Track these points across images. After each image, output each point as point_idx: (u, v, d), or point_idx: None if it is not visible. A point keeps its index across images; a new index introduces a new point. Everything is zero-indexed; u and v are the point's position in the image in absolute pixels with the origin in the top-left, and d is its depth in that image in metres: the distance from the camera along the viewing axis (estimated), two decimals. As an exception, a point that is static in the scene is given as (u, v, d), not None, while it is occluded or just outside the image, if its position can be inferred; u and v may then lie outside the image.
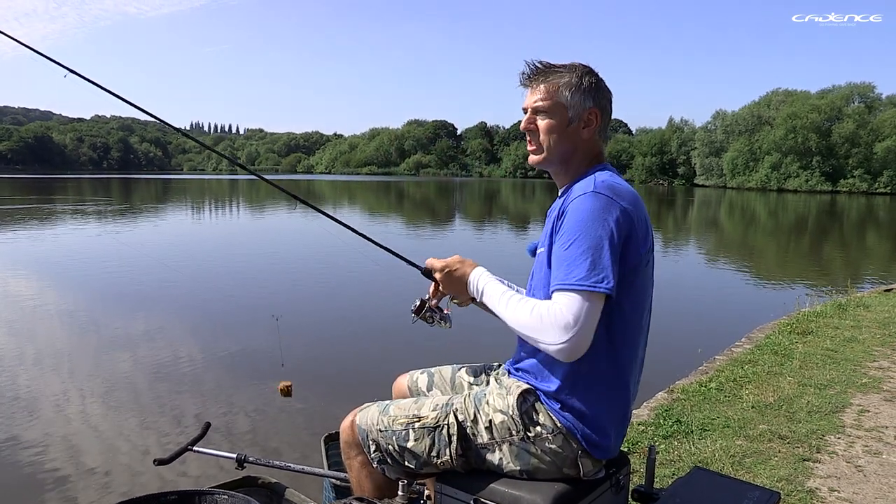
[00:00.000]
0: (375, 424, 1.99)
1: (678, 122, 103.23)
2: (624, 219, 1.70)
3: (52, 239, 17.99)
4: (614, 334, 1.77)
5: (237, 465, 2.60)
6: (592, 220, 1.69)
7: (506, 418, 1.85)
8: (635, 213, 1.74)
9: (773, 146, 76.08)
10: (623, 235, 1.70)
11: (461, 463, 1.89)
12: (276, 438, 4.92)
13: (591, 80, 1.92)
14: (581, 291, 1.63)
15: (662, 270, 13.78)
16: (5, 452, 4.61)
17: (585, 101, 1.90)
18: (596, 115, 1.92)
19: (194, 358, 6.91)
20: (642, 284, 1.82)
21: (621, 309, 1.76)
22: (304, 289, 11.14)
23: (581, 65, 1.94)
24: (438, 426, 1.91)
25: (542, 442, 1.81)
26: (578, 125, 1.91)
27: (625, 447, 3.81)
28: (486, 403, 1.91)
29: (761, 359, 5.90)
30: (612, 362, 1.79)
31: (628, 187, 1.81)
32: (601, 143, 1.97)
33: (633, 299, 1.79)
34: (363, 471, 2.03)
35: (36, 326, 8.20)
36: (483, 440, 1.87)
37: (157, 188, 58.19)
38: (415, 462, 1.93)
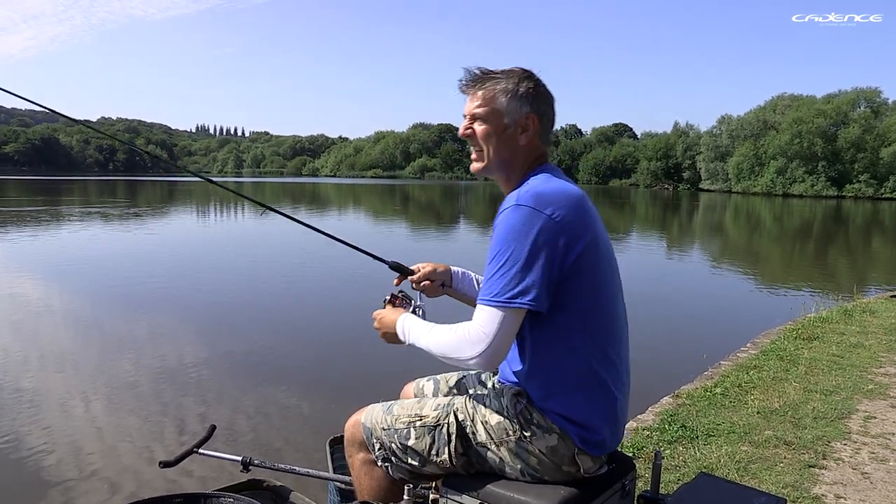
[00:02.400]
0: (379, 423, 2.03)
1: (683, 126, 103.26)
2: (548, 226, 1.70)
3: (57, 240, 18.02)
4: (580, 335, 1.78)
5: (242, 467, 2.60)
6: (513, 235, 1.71)
7: (502, 419, 1.88)
8: (564, 215, 1.73)
9: (779, 151, 75.99)
10: (549, 244, 1.70)
11: (462, 462, 1.91)
12: (280, 441, 4.92)
13: (529, 86, 1.91)
14: (496, 307, 1.70)
15: (668, 276, 13.83)
16: (10, 454, 4.62)
17: (522, 107, 1.90)
18: (533, 121, 1.92)
19: (199, 360, 6.92)
20: (596, 281, 1.80)
21: (577, 310, 1.77)
22: (310, 290, 11.14)
23: (520, 70, 1.95)
24: (439, 425, 1.94)
25: (539, 441, 1.82)
26: (516, 131, 1.92)
27: (630, 452, 3.81)
28: (484, 405, 1.94)
29: (767, 364, 5.88)
30: (587, 362, 1.79)
31: (559, 188, 1.81)
32: (543, 147, 1.98)
33: (589, 298, 1.79)
34: (363, 468, 2.08)
35: (41, 328, 8.22)
36: (482, 439, 1.89)
37: (162, 190, 58.30)
38: (416, 460, 1.95)
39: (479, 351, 1.71)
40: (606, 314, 1.83)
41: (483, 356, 1.71)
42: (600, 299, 1.81)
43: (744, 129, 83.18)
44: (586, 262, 1.75)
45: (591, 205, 1.84)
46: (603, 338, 1.81)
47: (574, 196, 1.80)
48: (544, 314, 1.75)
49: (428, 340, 1.86)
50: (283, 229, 20.95)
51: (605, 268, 1.84)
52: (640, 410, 4.72)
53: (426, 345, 1.86)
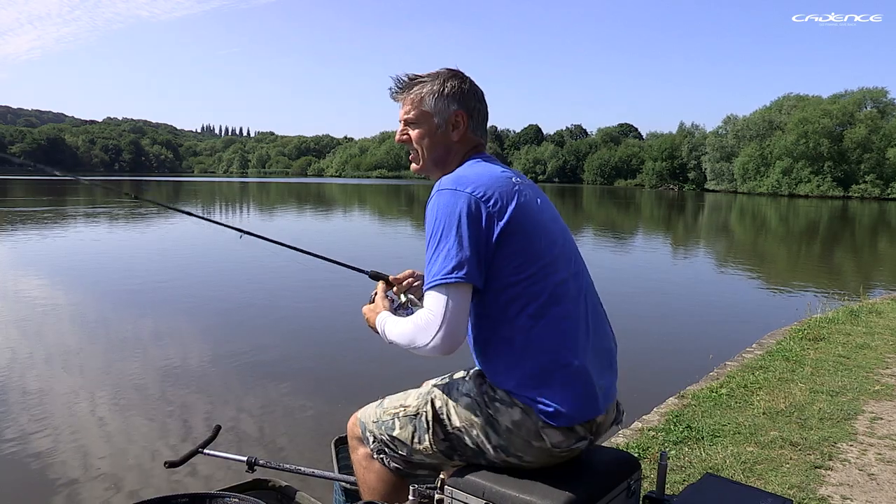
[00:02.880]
0: (371, 417, 2.10)
1: (689, 126, 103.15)
2: (470, 203, 1.76)
3: (63, 240, 18.07)
4: (516, 308, 1.79)
5: (247, 467, 2.61)
6: (440, 217, 1.77)
7: (470, 400, 1.90)
8: (484, 191, 1.78)
9: (785, 151, 75.89)
10: (474, 219, 1.75)
11: (444, 448, 1.95)
12: (285, 441, 4.93)
13: (454, 84, 1.99)
14: (437, 286, 1.73)
15: (673, 276, 13.80)
16: (15, 452, 4.63)
17: (450, 105, 1.98)
18: (462, 117, 1.99)
19: (204, 360, 6.93)
20: (528, 255, 1.80)
21: (510, 283, 1.79)
22: (317, 290, 11.13)
23: (446, 70, 2.03)
24: (418, 413, 1.99)
25: (503, 417, 1.83)
26: (447, 129, 2.00)
27: (635, 452, 3.81)
28: (456, 389, 1.97)
29: (772, 365, 5.87)
30: (529, 334, 1.79)
31: (482, 170, 1.88)
32: (476, 138, 2.04)
33: (521, 271, 1.79)
34: (363, 463, 2.13)
35: (47, 327, 8.24)
36: (456, 423, 1.92)
37: (168, 190, 58.44)
38: (404, 450, 2.01)
39: (432, 334, 1.73)
40: (542, 279, 1.80)
41: (437, 338, 1.73)
42: (537, 271, 1.80)
43: (749, 129, 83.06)
44: (514, 236, 1.77)
45: (522, 185, 1.89)
46: (549, 309, 1.79)
47: (496, 176, 1.86)
48: (483, 291, 1.80)
49: (393, 334, 1.89)
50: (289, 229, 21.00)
51: (540, 240, 1.83)
52: (646, 411, 4.71)
53: (393, 338, 1.89)
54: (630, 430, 4.28)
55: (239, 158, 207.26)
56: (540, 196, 1.96)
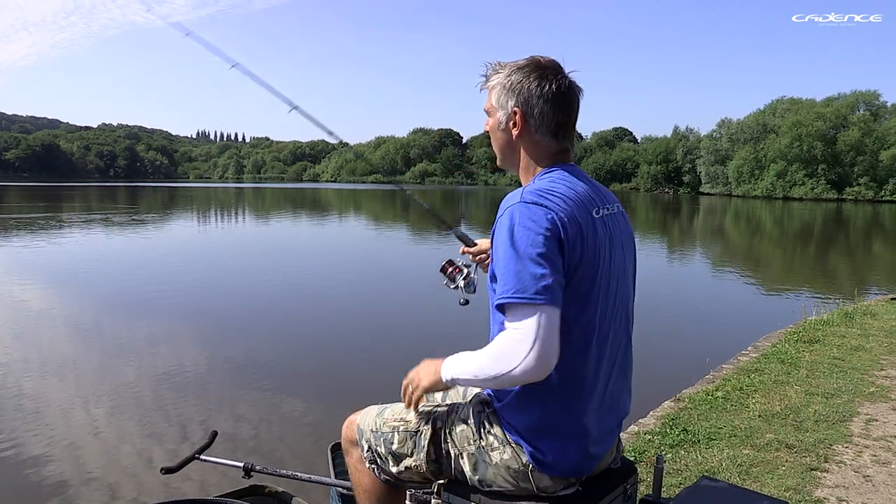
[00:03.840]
0: (370, 425, 2.05)
1: (683, 130, 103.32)
2: (558, 223, 1.61)
3: (58, 247, 18.02)
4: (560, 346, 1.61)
5: (244, 473, 2.61)
6: (521, 232, 1.60)
7: (465, 427, 1.87)
8: (566, 216, 1.62)
9: (779, 154, 76.15)
10: (558, 241, 1.60)
11: (433, 469, 1.92)
12: (282, 447, 4.92)
13: (517, 79, 1.80)
14: (529, 302, 1.56)
15: (668, 279, 13.80)
16: (10, 459, 4.62)
17: (508, 101, 1.81)
18: (518, 115, 1.80)
19: (200, 365, 6.92)
20: (586, 289, 1.67)
21: (563, 318, 1.61)
22: (312, 297, 11.14)
23: (520, 61, 1.84)
24: (419, 431, 1.94)
25: (494, 453, 1.79)
26: (508, 126, 1.84)
27: (631, 456, 3.81)
28: (456, 412, 1.93)
29: (768, 367, 5.88)
30: (563, 375, 1.67)
31: (566, 189, 1.70)
32: (551, 143, 1.82)
33: (576, 306, 1.65)
34: (359, 466, 2.10)
35: (42, 333, 8.22)
36: (448, 447, 1.89)
37: (163, 196, 58.35)
38: (397, 465, 1.97)
39: (522, 355, 1.54)
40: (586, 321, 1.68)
41: (531, 357, 1.54)
42: (585, 307, 1.68)
43: (744, 132, 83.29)
44: (581, 266, 1.65)
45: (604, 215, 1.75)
46: (581, 348, 1.69)
47: (577, 202, 1.68)
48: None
49: (466, 368, 1.71)
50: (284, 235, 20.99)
51: (600, 274, 1.70)
52: (642, 414, 4.72)
53: (467, 373, 1.71)
54: (626, 434, 4.28)
55: (234, 164, 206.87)
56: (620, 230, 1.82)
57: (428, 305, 10.00)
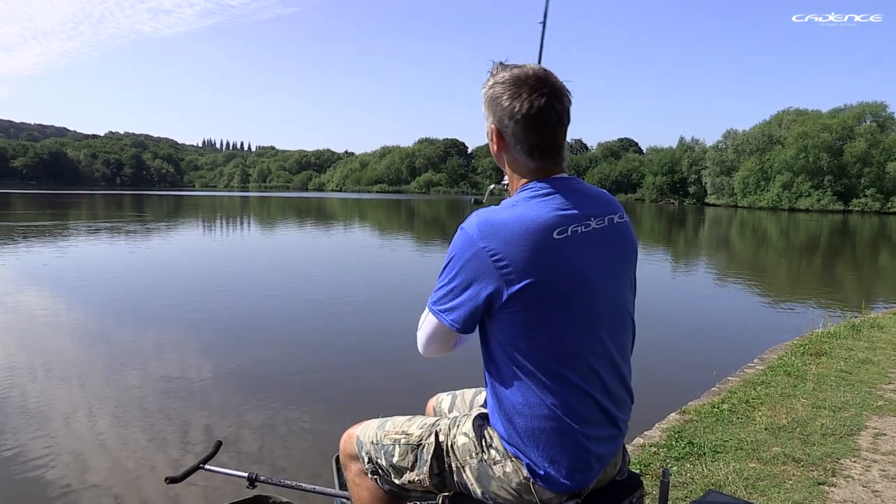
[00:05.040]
0: (370, 438, 2.04)
1: (689, 141, 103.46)
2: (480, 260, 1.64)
3: (65, 254, 18.07)
4: (530, 366, 1.67)
5: (248, 483, 2.60)
6: (454, 255, 1.70)
7: (467, 440, 1.86)
8: (503, 249, 1.62)
9: (785, 165, 76.19)
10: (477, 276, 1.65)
11: (436, 482, 1.91)
12: (287, 458, 4.91)
13: (495, 91, 1.75)
14: (430, 310, 1.79)
15: (673, 290, 13.77)
16: (14, 467, 4.62)
17: (489, 117, 1.79)
18: (494, 133, 1.78)
19: (205, 374, 6.92)
20: (542, 316, 1.66)
21: (529, 343, 1.67)
22: (319, 305, 11.14)
23: (506, 73, 1.76)
24: (421, 444, 1.93)
25: (497, 466, 1.78)
26: (492, 139, 1.81)
27: (637, 469, 3.79)
28: (459, 425, 1.92)
29: (774, 380, 5.85)
30: (541, 393, 1.68)
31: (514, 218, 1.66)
32: (528, 162, 1.77)
33: (542, 331, 1.66)
34: (356, 479, 2.10)
35: (48, 340, 8.23)
36: (450, 461, 1.88)
37: (169, 204, 58.53)
38: (399, 478, 1.96)
39: (420, 341, 1.89)
40: (552, 353, 1.68)
41: (419, 347, 1.90)
42: (542, 337, 1.67)
43: (749, 143, 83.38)
44: (522, 298, 1.63)
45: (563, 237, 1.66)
46: (549, 377, 1.68)
47: (526, 229, 1.64)
48: (494, 341, 1.73)
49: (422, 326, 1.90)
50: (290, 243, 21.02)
51: (559, 304, 1.67)
52: (647, 427, 4.70)
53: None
54: (631, 447, 4.26)
55: (240, 173, 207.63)
56: (604, 243, 1.76)
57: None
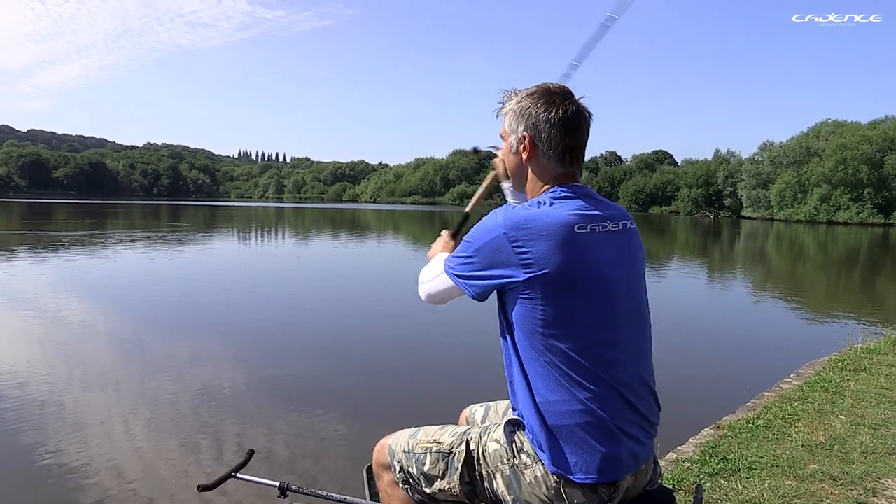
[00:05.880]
0: (402, 447, 2.07)
1: (724, 153, 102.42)
2: (500, 245, 1.76)
3: (102, 263, 18.40)
4: (556, 360, 1.74)
5: (279, 493, 2.61)
6: (478, 235, 1.83)
7: (498, 447, 1.87)
8: (524, 242, 1.73)
9: (823, 178, 74.98)
10: (497, 259, 1.77)
11: (467, 491, 1.92)
12: (317, 467, 4.93)
13: (525, 104, 1.89)
14: (446, 272, 1.94)
15: (708, 304, 13.58)
16: (52, 471, 4.70)
17: (518, 127, 1.91)
18: (527, 139, 1.89)
19: (239, 383, 6.98)
20: (573, 305, 1.73)
21: (554, 334, 1.73)
22: (352, 315, 11.20)
23: (531, 88, 1.93)
24: (451, 453, 1.95)
25: (528, 471, 1.79)
26: (519, 150, 1.93)
27: (670, 484, 3.75)
28: (489, 433, 1.93)
29: (811, 396, 5.75)
30: (569, 388, 1.73)
31: (539, 215, 1.76)
32: (557, 166, 1.90)
33: (566, 322, 1.73)
34: (389, 489, 2.11)
35: (85, 348, 8.38)
36: (482, 468, 1.89)
37: (205, 215, 59.28)
38: (430, 486, 1.97)
39: (421, 284, 2.09)
40: (580, 346, 1.74)
41: (421, 290, 2.10)
42: (580, 327, 1.74)
43: (786, 155, 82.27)
44: (546, 292, 1.72)
45: (585, 233, 1.77)
46: (578, 370, 1.73)
47: (550, 225, 1.74)
48: (519, 339, 1.79)
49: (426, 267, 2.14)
50: (324, 253, 21.16)
51: (583, 299, 1.74)
52: (681, 441, 4.64)
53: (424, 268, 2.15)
54: (664, 462, 4.21)
55: (275, 184, 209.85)
56: (619, 244, 1.85)
57: (469, 327, 9.97)
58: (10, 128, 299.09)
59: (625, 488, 1.80)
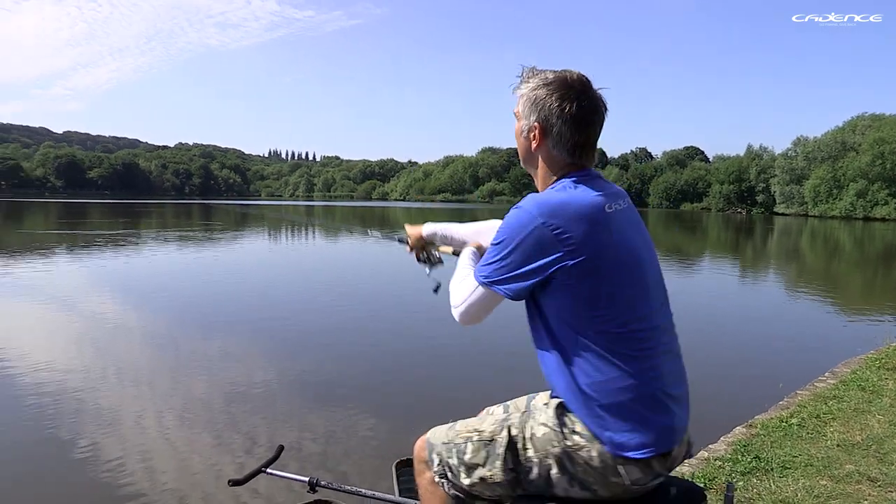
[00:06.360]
0: (441, 438, 2.06)
1: (757, 149, 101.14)
2: (539, 233, 1.74)
3: (135, 261, 18.65)
4: (601, 340, 1.77)
5: (309, 488, 2.63)
6: (509, 232, 1.80)
7: (547, 430, 1.86)
8: (560, 225, 1.74)
9: (859, 173, 73.67)
10: (536, 250, 1.76)
11: (510, 478, 1.90)
12: (347, 463, 4.95)
13: (540, 94, 1.88)
14: (480, 282, 1.88)
15: (740, 301, 13.41)
16: (88, 466, 4.77)
17: (531, 115, 1.91)
18: (538, 130, 1.90)
19: (270, 380, 7.03)
20: (610, 285, 1.77)
21: (595, 316, 1.77)
22: (383, 314, 11.21)
23: (550, 75, 1.91)
24: (493, 440, 1.95)
25: (582, 451, 1.80)
26: (528, 136, 1.94)
27: (701, 482, 3.71)
28: (534, 419, 1.92)
29: (847, 395, 5.65)
30: (616, 365, 1.76)
31: (568, 199, 1.80)
32: (566, 158, 1.91)
33: (605, 302, 1.77)
34: (430, 488, 2.09)
35: (119, 345, 8.49)
36: (529, 454, 1.88)
37: (236, 214, 59.78)
38: (470, 475, 1.96)
39: (455, 308, 1.97)
40: (622, 319, 1.77)
41: (456, 314, 1.97)
42: (617, 306, 1.78)
43: (821, 150, 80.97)
44: (591, 272, 1.75)
45: (616, 213, 1.83)
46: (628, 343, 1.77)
47: (585, 204, 1.78)
48: (559, 323, 1.81)
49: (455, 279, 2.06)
50: (354, 252, 21.25)
51: (619, 274, 1.79)
52: (712, 440, 4.59)
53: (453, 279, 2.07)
54: (695, 460, 4.17)
55: (305, 182, 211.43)
56: (634, 221, 1.92)
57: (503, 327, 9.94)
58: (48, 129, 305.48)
59: (673, 458, 1.84)
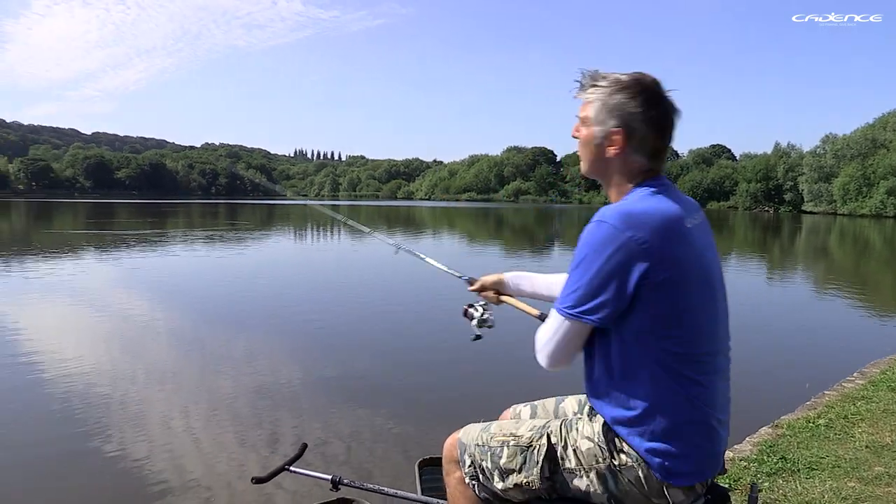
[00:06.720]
0: (474, 440, 2.03)
1: (784, 146, 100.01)
2: (627, 248, 1.64)
3: (162, 261, 18.85)
4: (663, 360, 1.70)
5: (332, 486, 2.64)
6: (592, 251, 1.69)
7: (592, 445, 1.83)
8: (647, 239, 1.64)
9: (890, 170, 72.52)
10: (624, 267, 1.65)
11: (546, 486, 1.89)
12: (370, 461, 4.97)
13: (621, 98, 1.80)
14: (563, 316, 1.76)
15: (767, 300, 13.26)
16: (115, 462, 4.83)
17: (608, 120, 1.82)
18: (621, 135, 1.81)
19: (294, 379, 7.08)
20: (678, 308, 1.69)
21: (663, 336, 1.69)
22: (408, 313, 11.24)
23: (626, 78, 1.82)
24: (531, 446, 1.92)
25: (628, 471, 1.77)
26: (603, 143, 1.84)
27: (725, 483, 3.68)
28: (576, 430, 1.90)
29: (876, 395, 5.58)
30: (669, 392, 1.71)
31: (651, 209, 1.71)
32: (645, 163, 1.83)
33: (675, 321, 1.69)
34: (458, 488, 2.07)
35: (146, 344, 8.59)
36: (571, 465, 1.86)
37: (262, 213, 60.19)
38: (504, 480, 1.93)
39: (538, 352, 1.85)
40: (693, 340, 1.72)
41: (541, 357, 1.84)
42: (686, 327, 1.71)
43: (850, 148, 79.87)
44: (668, 289, 1.67)
45: (694, 227, 1.76)
46: (690, 366, 1.71)
47: (668, 216, 1.70)
48: (623, 340, 1.73)
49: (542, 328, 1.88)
50: (379, 252, 21.32)
51: (696, 293, 1.73)
52: (738, 440, 4.55)
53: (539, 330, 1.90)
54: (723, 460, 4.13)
55: (330, 182, 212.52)
56: (708, 237, 1.87)
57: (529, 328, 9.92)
58: (77, 130, 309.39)
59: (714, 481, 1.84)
